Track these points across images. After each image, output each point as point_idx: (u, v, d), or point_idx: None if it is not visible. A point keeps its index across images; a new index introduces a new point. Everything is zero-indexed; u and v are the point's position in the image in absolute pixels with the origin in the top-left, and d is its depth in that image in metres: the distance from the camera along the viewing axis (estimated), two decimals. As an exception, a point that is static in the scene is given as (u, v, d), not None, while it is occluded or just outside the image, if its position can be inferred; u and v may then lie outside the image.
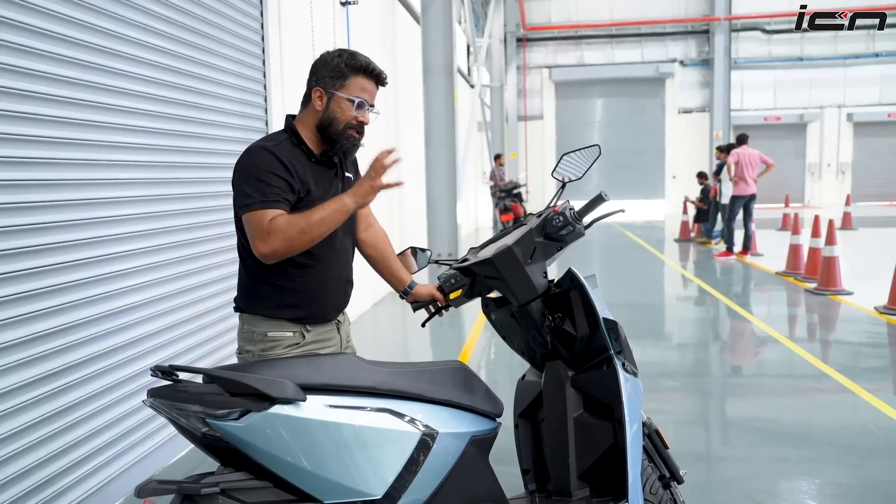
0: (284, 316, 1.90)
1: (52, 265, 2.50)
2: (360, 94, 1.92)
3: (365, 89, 1.93)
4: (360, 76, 1.92)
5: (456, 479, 1.78)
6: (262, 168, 1.80)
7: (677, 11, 21.76)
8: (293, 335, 1.90)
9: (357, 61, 1.92)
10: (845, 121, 21.98)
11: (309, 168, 1.92)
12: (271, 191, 1.78)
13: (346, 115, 1.91)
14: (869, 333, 5.74)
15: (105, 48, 2.78)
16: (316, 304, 1.94)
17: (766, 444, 3.44)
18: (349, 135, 1.93)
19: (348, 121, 1.92)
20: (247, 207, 1.79)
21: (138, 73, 3.01)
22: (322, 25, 5.53)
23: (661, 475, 2.11)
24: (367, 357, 1.82)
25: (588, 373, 1.97)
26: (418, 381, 1.78)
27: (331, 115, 1.92)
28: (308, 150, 1.94)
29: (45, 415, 2.47)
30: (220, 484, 1.51)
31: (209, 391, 1.55)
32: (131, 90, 2.96)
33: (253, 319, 1.92)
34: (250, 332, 1.92)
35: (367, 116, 1.95)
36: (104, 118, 2.79)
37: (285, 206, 1.80)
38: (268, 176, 1.79)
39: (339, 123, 1.92)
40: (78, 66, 2.62)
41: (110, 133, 2.83)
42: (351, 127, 1.93)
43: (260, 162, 1.82)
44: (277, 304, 1.90)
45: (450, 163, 9.05)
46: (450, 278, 2.12)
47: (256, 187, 1.78)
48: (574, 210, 2.00)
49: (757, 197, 10.23)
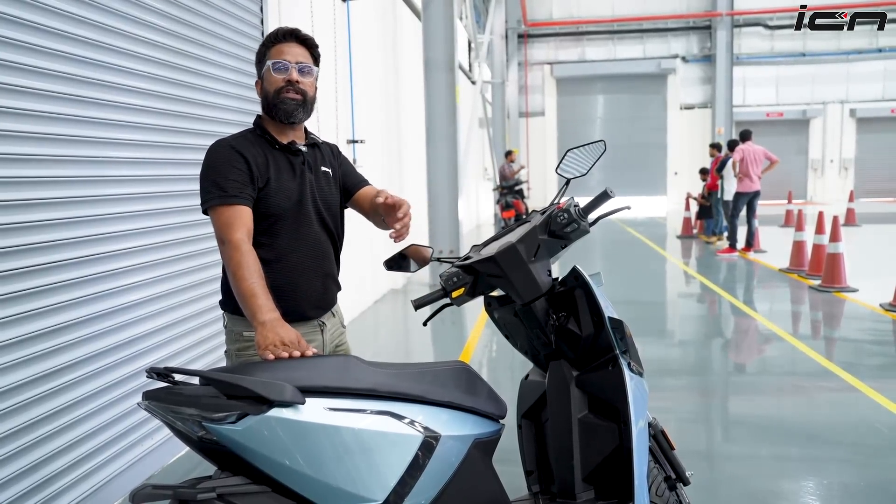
0: None
1: (46, 264, 2.47)
2: (276, 57, 1.94)
3: (282, 51, 1.95)
4: (275, 45, 1.96)
5: (459, 482, 1.74)
6: (221, 162, 1.85)
7: (679, 7, 21.69)
8: None
9: (270, 36, 1.97)
10: (848, 116, 21.90)
11: (272, 157, 1.94)
12: (230, 185, 1.82)
13: (274, 83, 1.95)
14: (874, 330, 5.70)
15: (99, 42, 2.74)
16: (290, 301, 1.91)
17: (770, 443, 3.40)
18: (283, 97, 1.95)
19: (277, 86, 1.94)
20: (207, 203, 1.84)
21: (133, 68, 2.97)
22: (322, 21, 5.49)
23: (667, 476, 2.07)
24: (368, 355, 1.78)
25: (593, 373, 1.93)
26: (420, 383, 1.74)
27: (266, 93, 1.98)
28: (271, 139, 1.97)
29: (42, 415, 2.44)
30: (217, 489, 1.48)
31: (205, 394, 1.51)
32: (125, 85, 2.92)
33: (231, 318, 1.93)
34: (230, 332, 1.95)
35: (293, 74, 1.95)
36: (98, 114, 2.75)
37: (244, 201, 1.83)
38: (226, 170, 1.83)
39: (271, 94, 1.95)
40: (68, 61, 2.58)
41: (104, 129, 2.79)
42: (282, 90, 1.94)
43: (220, 156, 1.86)
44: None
45: (451, 159, 9.00)
46: (452, 276, 2.08)
47: (214, 183, 1.83)
48: (579, 207, 1.95)
49: (761, 193, 10.19)
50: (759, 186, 10.13)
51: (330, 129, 5.57)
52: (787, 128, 22.05)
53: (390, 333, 6.25)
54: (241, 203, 1.81)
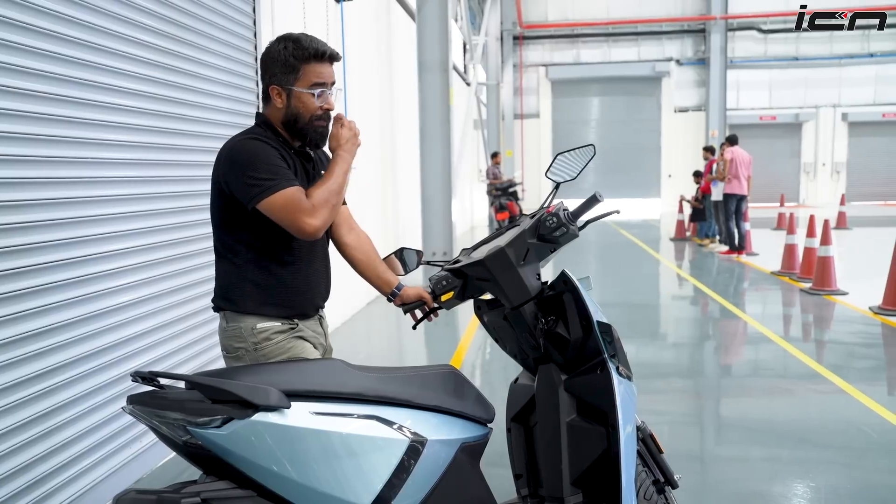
0: (269, 312, 1.88)
1: (36, 265, 2.45)
2: (316, 80, 1.87)
3: (321, 74, 1.88)
4: (311, 63, 1.87)
5: (446, 487, 1.74)
6: (264, 153, 1.79)
7: (674, 10, 21.77)
8: (282, 324, 1.89)
9: (304, 49, 1.86)
10: (840, 120, 22.03)
11: (292, 159, 1.91)
12: (284, 172, 1.78)
13: (309, 108, 1.88)
14: (863, 334, 5.73)
15: (91, 43, 2.73)
16: (301, 301, 1.94)
17: (759, 445, 3.41)
18: (317, 126, 1.91)
19: (313, 113, 1.89)
20: (269, 191, 1.74)
21: (126, 70, 2.95)
22: (315, 22, 5.48)
23: (655, 480, 2.07)
24: (359, 358, 1.78)
25: (581, 377, 1.94)
26: (407, 387, 1.74)
27: (294, 111, 1.89)
28: (286, 141, 1.93)
29: (32, 416, 2.42)
30: (202, 493, 1.47)
31: (190, 398, 1.51)
32: (119, 87, 2.91)
33: (237, 315, 1.88)
34: (237, 329, 1.87)
35: (330, 101, 1.91)
36: (90, 115, 2.74)
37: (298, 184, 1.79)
38: (274, 159, 1.79)
39: (305, 117, 1.89)
40: (63, 62, 2.57)
41: (96, 130, 2.78)
42: (317, 118, 1.90)
43: (259, 149, 1.80)
44: (263, 301, 1.87)
45: (445, 161, 9.00)
46: (441, 280, 2.08)
47: (270, 171, 1.76)
48: (568, 211, 1.96)
49: (748, 198, 10.35)
50: (746, 191, 10.28)
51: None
52: (779, 131, 22.16)
53: (382, 336, 6.24)
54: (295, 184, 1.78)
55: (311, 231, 1.76)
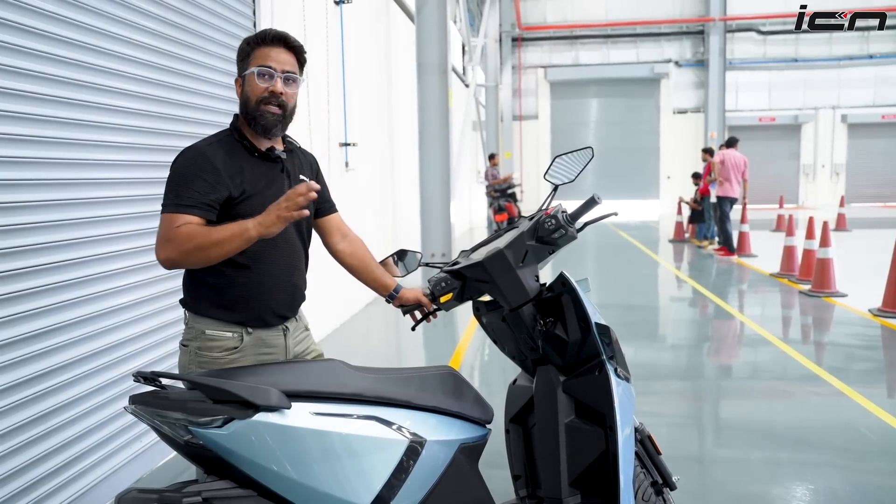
0: (222, 317, 1.86)
1: (39, 266, 2.46)
2: (262, 62, 1.86)
3: (268, 56, 1.86)
4: (261, 47, 1.87)
5: (444, 487, 1.75)
6: (186, 169, 1.77)
7: (672, 12, 21.79)
8: (232, 336, 1.85)
9: (258, 35, 1.88)
10: (839, 122, 22.06)
11: (249, 164, 1.87)
12: (188, 195, 1.73)
13: (256, 90, 1.86)
14: (862, 336, 5.74)
15: (94, 46, 2.74)
16: (254, 308, 1.87)
17: (758, 447, 3.42)
18: (264, 110, 1.86)
19: (259, 95, 1.86)
20: (162, 208, 1.76)
21: (128, 72, 2.97)
22: (315, 24, 5.49)
23: (653, 481, 2.08)
24: (358, 359, 1.79)
25: (579, 378, 1.95)
26: (406, 388, 1.75)
27: (245, 97, 1.89)
28: (249, 146, 1.90)
29: (34, 416, 2.43)
30: (203, 493, 1.48)
31: (192, 398, 1.52)
32: (121, 89, 2.92)
33: (194, 316, 1.89)
34: (191, 329, 1.88)
35: (277, 84, 1.86)
36: (93, 117, 2.75)
37: (200, 212, 1.73)
38: (190, 178, 1.75)
39: (252, 100, 1.87)
40: (66, 64, 2.58)
41: (99, 132, 2.79)
42: (264, 101, 1.86)
43: (185, 163, 1.79)
44: (215, 303, 1.86)
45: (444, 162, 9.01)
46: (440, 282, 2.09)
47: (174, 189, 1.75)
48: (566, 213, 1.97)
49: (738, 201, 10.43)
50: (738, 194, 10.35)
51: (322, 132, 5.57)
52: (778, 133, 22.19)
53: (381, 337, 6.25)
54: (192, 213, 1.73)
55: (159, 260, 1.74)
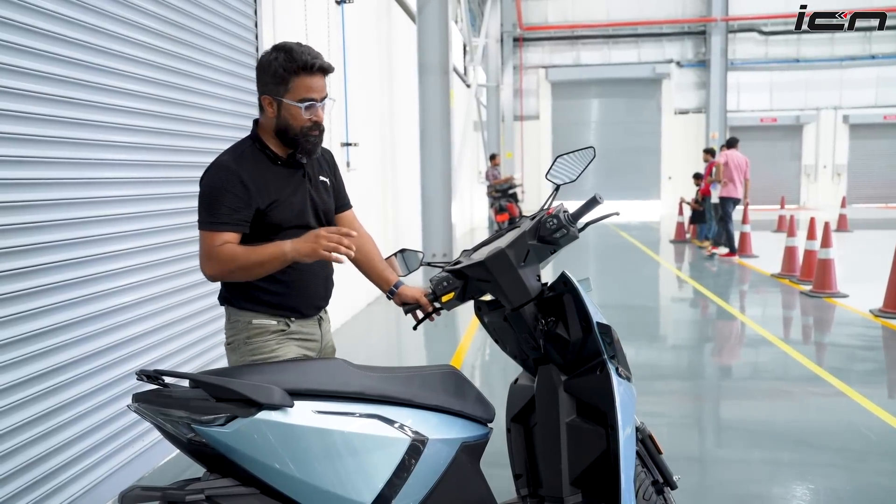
0: (265, 310, 1.96)
1: (42, 265, 2.47)
2: (306, 94, 1.89)
3: (311, 87, 1.89)
4: (301, 76, 1.88)
5: (446, 486, 1.76)
6: (217, 186, 1.85)
7: (674, 12, 21.79)
8: (277, 323, 1.96)
9: (294, 61, 1.87)
10: (841, 123, 22.04)
11: (273, 174, 1.94)
12: (220, 211, 1.83)
13: (298, 121, 1.91)
14: (863, 336, 5.74)
15: (96, 45, 2.75)
16: (296, 299, 1.99)
17: (759, 448, 3.42)
18: (308, 136, 1.93)
19: (302, 125, 1.91)
20: (199, 225, 1.87)
21: (130, 72, 2.97)
22: (317, 24, 5.50)
23: (654, 481, 2.09)
24: (359, 358, 1.80)
25: (581, 377, 1.95)
26: (408, 387, 1.76)
27: (284, 121, 1.92)
28: (272, 155, 1.96)
29: (35, 416, 2.43)
30: (206, 490, 1.49)
31: (195, 396, 1.52)
32: (123, 88, 2.93)
33: (237, 311, 1.98)
34: (235, 322, 1.98)
35: (319, 114, 1.93)
36: (95, 116, 2.76)
37: (235, 228, 1.84)
38: (220, 195, 1.84)
39: (294, 129, 1.92)
40: (68, 64, 2.59)
41: (101, 132, 2.80)
42: (307, 129, 1.92)
43: (213, 180, 1.87)
44: (258, 298, 1.95)
45: (445, 162, 9.02)
46: (442, 281, 2.10)
47: (206, 208, 1.85)
48: (568, 213, 1.97)
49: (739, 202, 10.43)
50: (740, 195, 10.35)
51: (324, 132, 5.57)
52: (780, 133, 22.18)
53: (383, 336, 6.26)
54: (228, 230, 1.84)
55: (205, 274, 1.87)
